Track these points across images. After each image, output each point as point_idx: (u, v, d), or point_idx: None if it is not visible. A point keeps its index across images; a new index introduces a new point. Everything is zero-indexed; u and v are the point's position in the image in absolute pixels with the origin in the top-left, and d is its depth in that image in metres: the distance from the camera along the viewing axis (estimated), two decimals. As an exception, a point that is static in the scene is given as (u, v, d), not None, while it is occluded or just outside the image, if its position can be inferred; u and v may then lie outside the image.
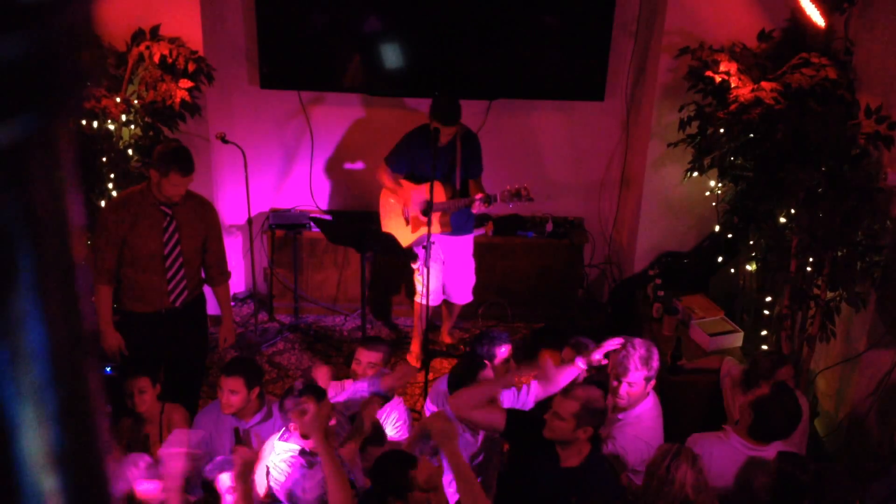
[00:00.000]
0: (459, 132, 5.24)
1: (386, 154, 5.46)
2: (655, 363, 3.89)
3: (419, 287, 5.58)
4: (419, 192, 5.36)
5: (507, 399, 4.08)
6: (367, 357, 4.25)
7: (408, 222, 5.42)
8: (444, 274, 5.50)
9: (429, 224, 5.04)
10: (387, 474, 3.22)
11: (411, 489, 3.16)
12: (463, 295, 5.75)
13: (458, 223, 5.42)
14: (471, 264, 5.69)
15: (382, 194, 5.56)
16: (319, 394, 3.65)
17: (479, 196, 5.15)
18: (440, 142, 5.16)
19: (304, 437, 3.56)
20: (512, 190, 5.12)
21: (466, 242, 5.58)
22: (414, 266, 5.56)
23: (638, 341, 3.94)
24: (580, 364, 3.97)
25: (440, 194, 5.21)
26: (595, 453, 3.53)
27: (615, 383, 3.89)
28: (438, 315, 6.03)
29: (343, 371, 5.29)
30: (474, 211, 5.26)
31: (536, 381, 4.09)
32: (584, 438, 3.44)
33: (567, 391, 3.50)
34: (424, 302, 5.56)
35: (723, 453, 3.74)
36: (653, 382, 3.92)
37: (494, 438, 3.95)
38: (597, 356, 3.92)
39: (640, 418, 3.91)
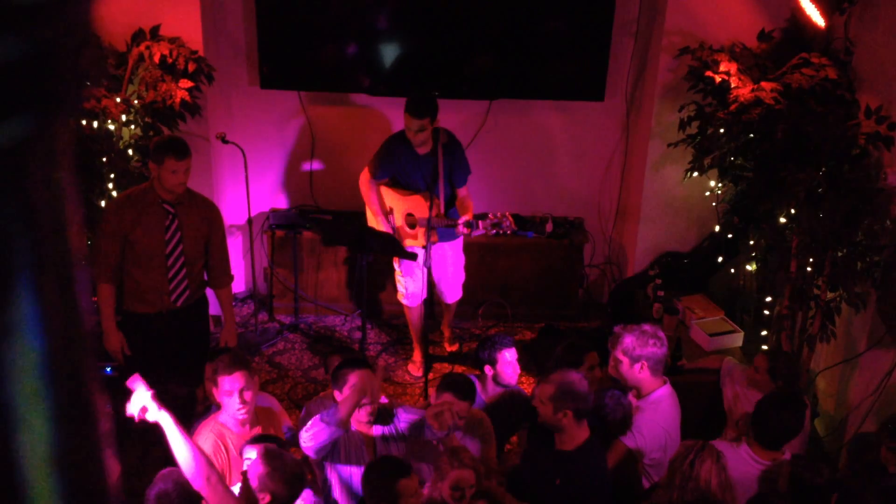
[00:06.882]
0: (441, 140, 5.14)
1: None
2: (645, 350, 3.88)
3: (400, 288, 5.56)
4: (403, 204, 5.31)
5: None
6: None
7: (394, 231, 5.35)
8: (434, 275, 5.44)
9: (429, 222, 5.02)
10: (376, 481, 3.21)
11: (400, 498, 3.14)
12: (453, 293, 5.69)
13: (443, 231, 5.30)
14: (460, 262, 5.61)
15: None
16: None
17: (462, 219, 5.09)
18: (420, 148, 5.10)
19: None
20: (494, 220, 5.07)
21: (454, 245, 5.50)
22: (395, 266, 5.53)
23: (645, 326, 3.98)
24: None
25: (424, 209, 5.14)
26: (591, 442, 3.60)
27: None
28: (437, 314, 6.01)
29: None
30: (458, 232, 5.23)
31: None
32: (566, 422, 3.54)
33: (545, 376, 3.61)
34: (406, 302, 5.54)
35: (734, 462, 3.72)
36: (644, 365, 3.90)
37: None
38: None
39: (656, 403, 3.95)
